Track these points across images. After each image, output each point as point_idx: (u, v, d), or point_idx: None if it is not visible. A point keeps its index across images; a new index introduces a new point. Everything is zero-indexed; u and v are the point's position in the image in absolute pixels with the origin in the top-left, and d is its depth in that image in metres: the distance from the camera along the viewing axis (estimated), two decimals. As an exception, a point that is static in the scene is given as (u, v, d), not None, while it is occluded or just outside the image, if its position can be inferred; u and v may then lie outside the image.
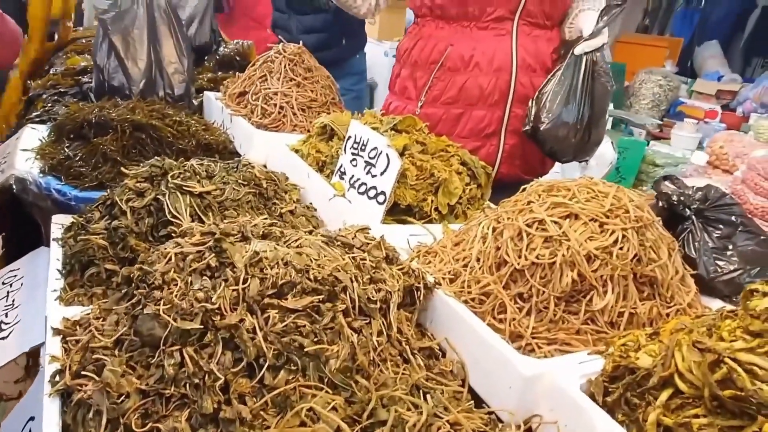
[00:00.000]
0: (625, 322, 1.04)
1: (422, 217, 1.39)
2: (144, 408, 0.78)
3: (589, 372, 0.92)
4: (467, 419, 0.80)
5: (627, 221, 1.07)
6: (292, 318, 0.86)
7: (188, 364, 0.80)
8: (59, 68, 2.41)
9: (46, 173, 1.54)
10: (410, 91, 2.06)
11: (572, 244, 1.02)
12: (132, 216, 1.23)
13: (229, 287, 0.88)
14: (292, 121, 1.87)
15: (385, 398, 0.82)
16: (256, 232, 1.01)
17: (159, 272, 0.90)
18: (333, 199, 1.40)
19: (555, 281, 1.02)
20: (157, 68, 2.04)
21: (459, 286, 1.10)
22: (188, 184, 1.25)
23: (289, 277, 0.89)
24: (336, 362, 0.86)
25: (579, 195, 1.11)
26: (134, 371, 0.82)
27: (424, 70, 2.00)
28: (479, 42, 1.93)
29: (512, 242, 1.08)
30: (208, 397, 0.79)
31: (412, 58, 2.04)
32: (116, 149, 1.61)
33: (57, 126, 1.70)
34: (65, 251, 1.27)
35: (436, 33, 1.98)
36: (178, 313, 0.84)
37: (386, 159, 1.32)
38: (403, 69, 2.10)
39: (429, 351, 1.04)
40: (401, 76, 2.11)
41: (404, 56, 2.09)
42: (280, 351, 0.84)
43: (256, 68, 2.00)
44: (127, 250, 1.19)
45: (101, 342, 0.86)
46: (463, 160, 1.47)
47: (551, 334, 1.02)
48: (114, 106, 1.76)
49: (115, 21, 1.96)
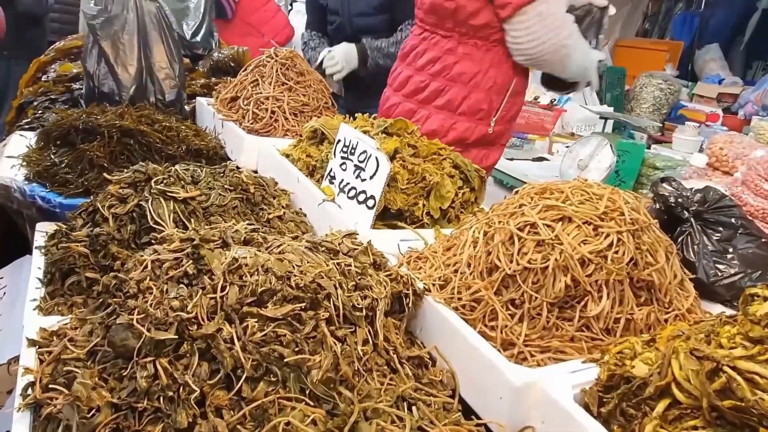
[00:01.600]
0: (622, 328, 1.01)
1: (414, 222, 1.36)
2: (115, 423, 0.75)
3: (584, 381, 0.89)
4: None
5: (622, 224, 1.04)
6: (272, 327, 0.83)
7: (162, 376, 0.76)
8: (51, 75, 2.39)
9: (31, 180, 1.51)
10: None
11: (565, 248, 0.98)
12: (114, 223, 1.20)
13: (206, 295, 0.84)
14: (284, 126, 1.84)
15: (369, 410, 0.78)
16: (237, 238, 0.97)
17: (134, 280, 0.87)
18: (323, 204, 1.37)
19: (548, 286, 0.99)
20: (148, 74, 2.02)
21: (449, 292, 1.06)
22: (172, 190, 1.22)
23: (269, 285, 0.86)
24: (318, 373, 0.82)
25: (572, 197, 1.07)
26: (106, 384, 0.79)
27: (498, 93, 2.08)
28: (527, 71, 2.14)
29: (503, 247, 1.04)
30: (183, 411, 0.75)
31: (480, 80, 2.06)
32: (103, 155, 1.58)
33: (44, 132, 1.67)
34: (47, 260, 1.24)
35: (505, 60, 2.05)
36: (152, 323, 0.80)
37: (375, 162, 1.29)
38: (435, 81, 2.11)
39: (418, 360, 1.01)
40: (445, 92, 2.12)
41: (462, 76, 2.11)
42: (259, 362, 0.80)
43: (247, 73, 1.98)
44: (109, 258, 1.16)
45: (73, 353, 0.83)
46: (456, 163, 1.43)
47: (544, 341, 0.98)
48: (102, 112, 1.73)
49: (105, 26, 1.94)
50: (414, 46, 2.16)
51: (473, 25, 1.95)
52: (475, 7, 1.92)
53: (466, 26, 1.97)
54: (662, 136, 4.77)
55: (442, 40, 2.02)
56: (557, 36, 1.90)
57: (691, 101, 5.32)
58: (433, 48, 2.07)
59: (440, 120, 2.06)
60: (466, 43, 1.99)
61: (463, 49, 2.00)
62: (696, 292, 1.15)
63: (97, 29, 1.92)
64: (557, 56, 1.95)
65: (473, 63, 2.01)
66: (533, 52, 1.94)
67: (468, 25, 1.96)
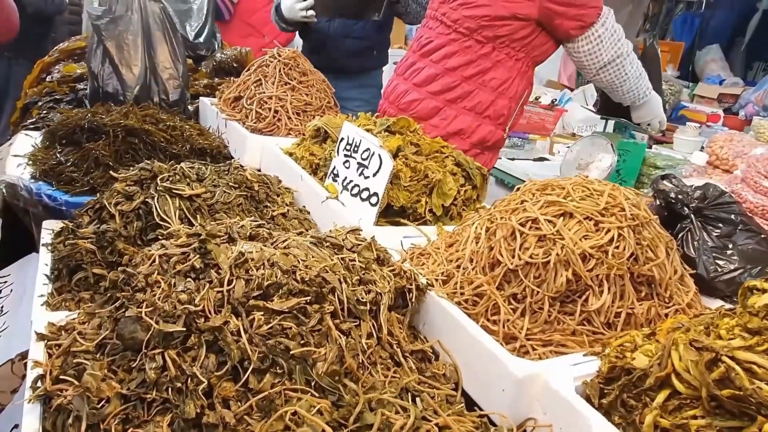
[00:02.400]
0: (623, 322, 1.02)
1: (416, 219, 1.37)
2: (125, 413, 0.76)
3: (585, 373, 0.90)
4: (457, 422, 0.78)
5: (623, 219, 1.05)
6: (278, 320, 0.84)
7: (170, 368, 0.77)
8: (55, 75, 2.40)
9: (37, 179, 1.53)
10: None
11: (567, 243, 1.00)
12: (120, 220, 1.21)
13: (213, 289, 0.85)
14: (287, 125, 1.85)
15: (373, 401, 0.79)
16: (243, 234, 0.99)
17: (142, 274, 0.89)
18: (326, 202, 1.39)
19: (549, 281, 1.00)
20: (152, 74, 2.04)
21: (452, 287, 1.08)
22: (177, 187, 1.23)
23: (275, 278, 0.87)
24: (323, 365, 0.83)
25: (573, 193, 1.09)
26: (116, 375, 0.80)
27: (516, 101, 2.18)
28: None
29: (505, 242, 1.05)
30: (191, 402, 0.76)
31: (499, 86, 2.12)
32: (108, 154, 1.59)
33: (50, 132, 1.69)
34: (54, 256, 1.25)
35: (526, 71, 2.15)
36: (160, 316, 0.82)
37: (378, 160, 1.30)
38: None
39: (421, 354, 1.02)
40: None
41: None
42: (266, 354, 0.81)
43: (251, 73, 1.99)
44: (115, 254, 1.17)
45: (83, 346, 0.84)
46: (458, 161, 1.45)
47: (546, 335, 0.99)
48: (107, 112, 1.75)
49: (109, 27, 1.96)
50: (441, 45, 2.17)
51: (514, 37, 2.03)
52: (527, 31, 2.01)
53: (505, 37, 2.03)
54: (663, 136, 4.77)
55: (476, 45, 2.06)
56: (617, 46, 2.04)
57: (691, 102, 5.33)
58: (467, 52, 2.10)
59: (468, 121, 2.11)
60: (501, 50, 2.05)
61: (497, 55, 2.05)
62: (696, 287, 1.16)
63: (101, 30, 1.93)
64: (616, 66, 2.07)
65: (505, 70, 2.08)
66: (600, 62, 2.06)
67: (508, 37, 2.03)
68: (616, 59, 2.06)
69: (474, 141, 2.12)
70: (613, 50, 2.04)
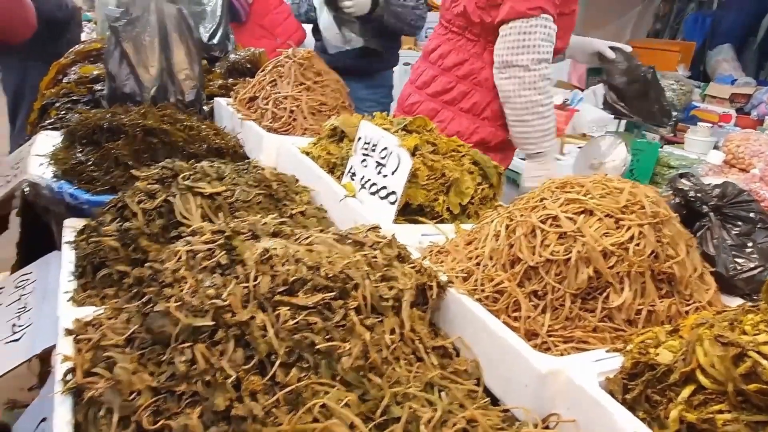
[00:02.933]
0: (644, 319, 1.02)
1: (434, 218, 1.38)
2: (155, 405, 0.77)
3: (607, 369, 0.90)
4: (483, 416, 0.79)
5: (643, 217, 1.05)
6: (304, 315, 0.85)
7: (200, 361, 0.79)
8: (72, 77, 2.43)
9: (59, 178, 1.55)
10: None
11: (588, 240, 1.00)
12: (143, 217, 1.23)
13: (239, 284, 0.87)
14: (302, 125, 1.87)
15: (399, 395, 0.80)
16: (266, 231, 1.00)
17: (169, 270, 0.90)
18: (344, 200, 1.40)
19: (570, 278, 1.01)
20: (168, 75, 2.06)
21: (472, 284, 1.08)
22: (198, 186, 1.25)
23: (300, 274, 0.88)
24: (348, 360, 0.84)
25: (593, 191, 1.09)
26: (145, 369, 0.82)
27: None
28: None
29: (525, 239, 1.06)
30: (220, 395, 0.78)
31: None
32: (128, 154, 1.61)
33: (69, 132, 1.71)
34: (77, 254, 1.27)
35: None
36: (189, 310, 0.83)
37: (397, 158, 1.31)
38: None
39: (442, 350, 1.03)
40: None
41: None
42: (292, 348, 0.83)
43: (266, 73, 2.01)
44: (139, 252, 1.19)
45: (112, 340, 0.85)
46: (475, 159, 1.45)
47: (567, 332, 1.00)
48: (125, 112, 1.77)
49: (127, 28, 1.98)
50: (437, 45, 2.18)
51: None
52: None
53: (494, 34, 1.99)
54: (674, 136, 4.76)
55: (468, 44, 2.05)
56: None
57: (703, 102, 5.30)
58: (460, 51, 2.10)
59: (465, 123, 2.09)
60: (492, 49, 2.01)
61: (488, 55, 2.02)
62: (716, 285, 1.16)
63: (119, 31, 1.96)
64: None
65: None
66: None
67: (496, 33, 1.98)
68: (518, 72, 1.92)
69: (473, 143, 2.03)
70: (522, 58, 1.91)
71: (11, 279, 1.47)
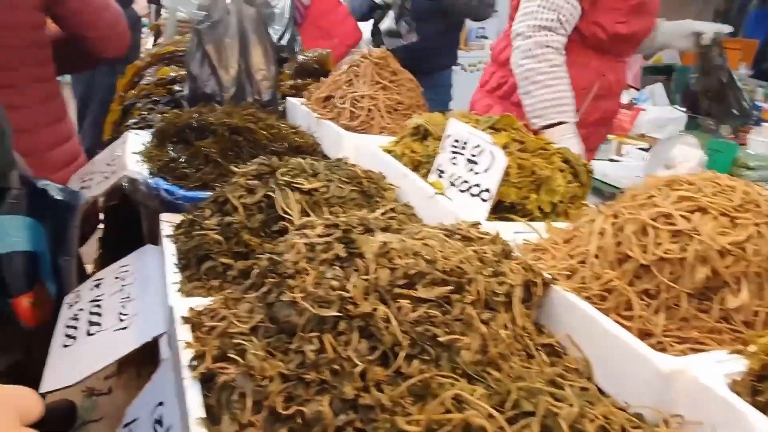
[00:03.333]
0: (762, 322, 0.99)
1: (525, 215, 1.37)
2: (287, 392, 0.80)
3: (730, 371, 0.88)
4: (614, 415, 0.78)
5: (759, 216, 1.02)
6: (425, 308, 0.86)
7: (329, 350, 0.80)
8: (150, 78, 2.53)
9: (154, 175, 1.61)
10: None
11: (704, 239, 0.98)
12: (244, 212, 1.26)
13: (360, 277, 0.88)
14: (379, 124, 1.89)
15: (524, 390, 0.80)
16: (378, 225, 1.02)
17: (290, 261, 0.92)
18: (433, 198, 1.40)
19: (686, 277, 0.98)
20: (247, 75, 2.12)
21: (577, 282, 1.07)
22: (297, 181, 1.28)
23: (419, 268, 0.89)
24: (469, 354, 0.85)
25: (705, 189, 1.06)
26: (273, 357, 0.84)
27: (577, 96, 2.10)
28: (618, 73, 2.25)
29: (636, 237, 1.04)
30: (348, 383, 0.79)
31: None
32: (216, 151, 1.67)
33: (159, 131, 1.78)
34: (178, 247, 1.32)
35: (586, 62, 2.12)
36: (315, 301, 0.85)
37: (490, 156, 1.31)
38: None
39: (550, 348, 1.02)
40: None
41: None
42: (415, 340, 0.83)
43: (341, 73, 2.04)
44: (241, 245, 1.23)
45: (238, 328, 0.88)
46: (566, 158, 1.44)
47: (683, 332, 0.97)
48: (210, 111, 1.83)
49: (209, 31, 2.04)
50: (500, 41, 2.18)
51: None
52: None
53: None
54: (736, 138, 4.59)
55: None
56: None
57: (765, 101, 5.09)
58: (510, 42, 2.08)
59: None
60: None
61: None
62: (831, 288, 1.11)
63: (202, 34, 2.02)
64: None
65: None
66: None
67: None
68: (519, 41, 1.91)
69: None
70: (521, 26, 1.90)
71: (109, 270, 1.53)
